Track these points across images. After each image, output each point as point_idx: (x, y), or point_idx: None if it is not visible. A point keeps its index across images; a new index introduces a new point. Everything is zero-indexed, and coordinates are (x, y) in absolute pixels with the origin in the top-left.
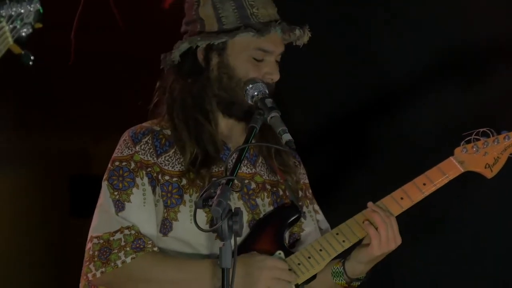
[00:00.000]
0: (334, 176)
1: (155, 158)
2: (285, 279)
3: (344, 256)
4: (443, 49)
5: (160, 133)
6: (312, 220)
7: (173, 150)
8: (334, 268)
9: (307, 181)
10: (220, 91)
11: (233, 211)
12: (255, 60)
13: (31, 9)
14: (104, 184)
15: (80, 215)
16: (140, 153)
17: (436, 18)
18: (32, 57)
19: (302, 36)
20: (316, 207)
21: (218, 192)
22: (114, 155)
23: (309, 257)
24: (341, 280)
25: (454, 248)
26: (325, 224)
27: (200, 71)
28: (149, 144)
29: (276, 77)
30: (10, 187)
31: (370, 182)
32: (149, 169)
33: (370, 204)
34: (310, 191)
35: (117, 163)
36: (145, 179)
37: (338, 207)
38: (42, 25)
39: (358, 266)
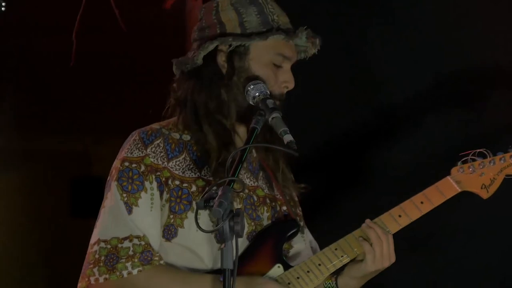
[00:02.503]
0: (330, 196)
1: (165, 163)
2: None
3: (336, 271)
4: (441, 73)
5: (169, 137)
6: (302, 237)
7: (183, 156)
8: (326, 284)
9: (296, 198)
10: (239, 96)
11: (234, 211)
12: (274, 66)
13: None
14: (114, 184)
15: (80, 216)
16: (151, 156)
17: (435, 44)
18: (3, 3)
19: (317, 47)
20: (302, 223)
21: (220, 193)
22: (124, 154)
23: (308, 271)
24: None
25: (446, 266)
26: (312, 241)
27: (221, 76)
28: (161, 147)
29: (291, 85)
30: (11, 188)
31: (366, 200)
32: (158, 173)
33: (367, 221)
34: (300, 208)
35: (126, 164)
36: (154, 184)
37: (334, 227)
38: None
39: (351, 281)
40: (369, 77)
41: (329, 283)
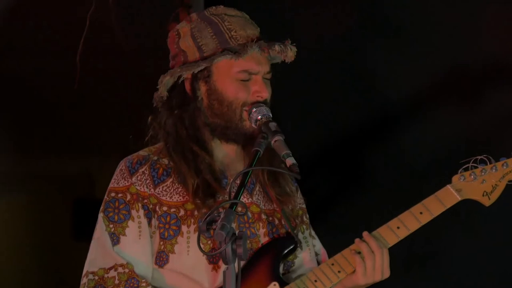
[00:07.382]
0: (330, 202)
1: (152, 189)
2: None
3: None
4: (442, 73)
5: (157, 163)
6: (307, 246)
7: (170, 180)
8: None
9: (304, 205)
10: (213, 118)
11: (236, 234)
12: (242, 81)
13: None
14: (100, 216)
15: (83, 240)
16: (137, 184)
17: (434, 42)
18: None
19: (284, 51)
20: (312, 232)
21: (222, 215)
22: (111, 185)
23: None
24: None
25: (446, 282)
26: (320, 250)
27: (189, 102)
28: (146, 175)
29: (264, 94)
30: (12, 211)
31: (367, 208)
32: (145, 200)
33: (365, 233)
34: (307, 216)
35: (113, 194)
36: (141, 212)
37: (335, 233)
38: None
39: None
40: (367, 77)
41: None
